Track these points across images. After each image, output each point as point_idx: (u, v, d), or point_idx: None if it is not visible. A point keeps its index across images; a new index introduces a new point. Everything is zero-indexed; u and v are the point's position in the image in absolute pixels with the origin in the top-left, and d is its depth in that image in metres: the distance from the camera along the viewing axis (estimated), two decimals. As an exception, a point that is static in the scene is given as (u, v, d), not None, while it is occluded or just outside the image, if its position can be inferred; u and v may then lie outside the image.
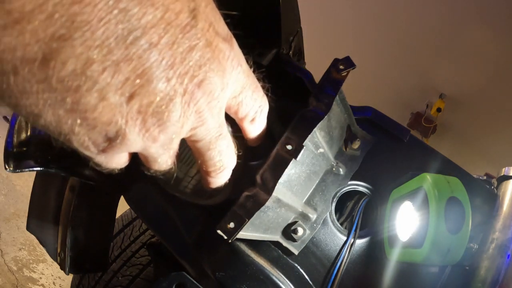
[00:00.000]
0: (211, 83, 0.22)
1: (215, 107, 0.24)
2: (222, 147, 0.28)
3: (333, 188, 0.53)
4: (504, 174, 0.57)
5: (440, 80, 2.94)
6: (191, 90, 0.21)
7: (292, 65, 0.61)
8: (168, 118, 0.21)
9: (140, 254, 1.10)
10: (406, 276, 0.53)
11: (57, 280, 2.16)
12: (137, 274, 1.06)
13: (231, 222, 0.39)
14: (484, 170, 0.77)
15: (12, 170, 0.62)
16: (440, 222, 0.43)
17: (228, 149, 0.29)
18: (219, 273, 0.50)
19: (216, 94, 0.23)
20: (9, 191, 2.41)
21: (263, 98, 0.30)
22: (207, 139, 0.26)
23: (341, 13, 2.82)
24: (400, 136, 0.60)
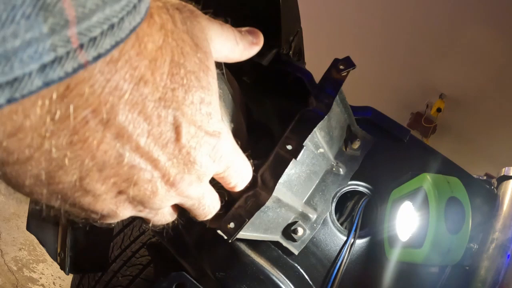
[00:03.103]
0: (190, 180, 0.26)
1: (196, 189, 0.27)
2: (206, 203, 0.30)
3: (333, 188, 0.53)
4: (504, 174, 0.57)
5: (440, 80, 2.94)
6: (172, 183, 0.25)
7: (292, 65, 0.61)
8: (153, 203, 0.25)
9: (140, 254, 1.10)
10: (406, 276, 0.53)
11: (57, 280, 2.16)
12: (137, 274, 1.06)
13: (231, 222, 0.39)
14: (484, 170, 0.77)
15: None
16: (440, 222, 0.43)
17: (212, 201, 0.31)
18: (219, 273, 0.50)
19: (195, 184, 0.26)
20: (9, 191, 2.41)
21: (247, 169, 0.32)
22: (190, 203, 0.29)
23: (341, 13, 2.82)
24: (400, 136, 0.60)
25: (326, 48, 2.37)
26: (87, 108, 0.18)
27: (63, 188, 0.21)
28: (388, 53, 2.93)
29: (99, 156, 0.20)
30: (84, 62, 0.17)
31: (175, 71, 0.22)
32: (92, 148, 0.20)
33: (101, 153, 0.20)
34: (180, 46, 0.22)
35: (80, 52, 0.16)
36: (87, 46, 0.16)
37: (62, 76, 0.16)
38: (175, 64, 0.22)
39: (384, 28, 2.76)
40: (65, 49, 0.16)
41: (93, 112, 0.19)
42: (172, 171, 0.24)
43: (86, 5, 0.15)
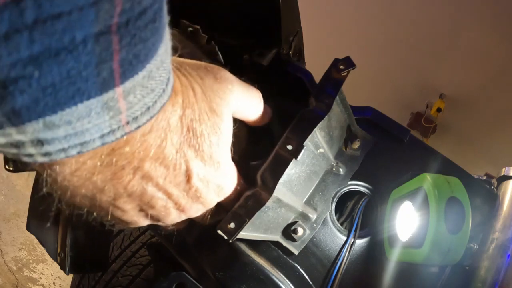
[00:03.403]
0: (197, 208, 0.35)
1: (202, 211, 0.36)
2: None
3: (333, 188, 0.53)
4: (504, 174, 0.57)
5: (440, 80, 2.94)
6: (182, 210, 0.34)
7: (292, 65, 0.61)
8: (166, 220, 0.34)
9: (140, 254, 1.10)
10: (406, 276, 0.53)
11: (57, 280, 2.16)
12: (137, 274, 1.06)
13: (231, 222, 0.39)
14: (484, 170, 0.77)
15: (12, 170, 0.62)
16: (440, 222, 0.43)
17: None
18: (219, 273, 0.50)
19: (202, 209, 0.36)
20: (9, 191, 2.41)
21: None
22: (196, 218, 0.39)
23: (341, 13, 2.82)
24: (400, 136, 0.60)
25: (326, 48, 2.37)
26: (124, 160, 0.27)
27: (101, 203, 0.29)
28: (388, 53, 2.93)
29: (129, 188, 0.29)
30: (128, 131, 0.24)
31: (191, 135, 0.30)
32: (124, 183, 0.28)
33: (130, 186, 0.29)
34: (197, 114, 0.30)
35: (126, 126, 0.24)
36: (131, 122, 0.24)
37: (114, 140, 0.24)
38: (191, 130, 0.30)
39: (384, 28, 2.76)
40: (117, 125, 0.23)
41: (128, 162, 0.27)
42: (182, 201, 0.33)
43: (133, 101, 0.23)
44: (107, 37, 0.19)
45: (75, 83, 0.19)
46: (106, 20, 0.18)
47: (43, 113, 0.19)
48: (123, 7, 0.19)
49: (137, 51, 0.21)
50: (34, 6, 0.16)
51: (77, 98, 0.19)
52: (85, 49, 0.18)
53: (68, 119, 0.20)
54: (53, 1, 0.16)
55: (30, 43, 0.16)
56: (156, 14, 0.21)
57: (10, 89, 0.17)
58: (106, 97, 0.21)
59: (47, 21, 0.16)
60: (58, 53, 0.17)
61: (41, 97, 0.18)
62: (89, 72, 0.19)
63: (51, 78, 0.18)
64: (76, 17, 0.17)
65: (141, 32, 0.20)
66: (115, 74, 0.20)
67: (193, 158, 0.31)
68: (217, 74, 0.33)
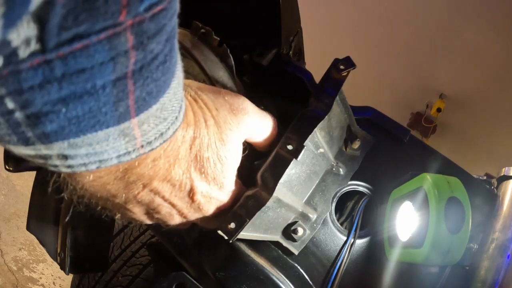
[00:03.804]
0: (198, 215, 0.39)
1: (200, 216, 0.40)
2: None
3: (333, 188, 0.53)
4: (504, 174, 0.57)
5: (440, 80, 2.94)
6: (185, 217, 0.38)
7: (292, 65, 0.61)
8: (170, 223, 0.38)
9: (140, 254, 1.10)
10: (406, 276, 0.53)
11: (57, 280, 2.16)
12: (137, 274, 1.06)
13: (231, 222, 0.39)
14: (484, 170, 0.77)
15: (12, 170, 0.62)
16: (440, 222, 0.43)
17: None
18: (219, 273, 0.50)
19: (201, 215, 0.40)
20: (9, 191, 2.41)
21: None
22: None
23: (341, 13, 2.82)
24: (400, 136, 0.60)
25: (326, 48, 2.37)
26: (135, 177, 0.30)
27: (113, 205, 0.33)
28: (388, 53, 2.93)
29: (138, 198, 0.33)
30: (142, 153, 0.27)
31: (198, 160, 0.33)
32: (135, 194, 0.32)
33: (139, 196, 0.32)
34: (206, 143, 0.33)
35: (141, 148, 0.27)
36: (145, 146, 0.27)
37: (129, 159, 0.27)
38: (199, 156, 0.33)
39: (384, 28, 2.76)
40: (132, 148, 0.26)
41: (139, 179, 0.31)
42: (185, 211, 0.37)
43: (147, 129, 0.26)
44: (123, 81, 0.22)
45: (96, 116, 0.22)
46: (122, 69, 0.22)
47: (67, 136, 0.22)
48: (137, 58, 0.22)
49: (150, 90, 0.24)
50: (62, 65, 0.19)
51: (97, 127, 0.23)
52: (104, 92, 0.22)
53: (89, 142, 0.23)
54: (77, 60, 0.19)
55: (59, 90, 0.20)
56: (167, 56, 0.24)
57: (42, 119, 0.21)
58: (123, 126, 0.24)
59: (72, 75, 0.20)
60: (81, 95, 0.21)
61: (66, 125, 0.22)
62: (108, 108, 0.22)
63: (75, 112, 0.21)
64: (97, 70, 0.20)
65: (153, 74, 0.23)
66: (131, 109, 0.24)
67: (198, 179, 0.34)
68: (233, 105, 0.36)
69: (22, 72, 0.19)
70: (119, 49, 0.21)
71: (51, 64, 0.19)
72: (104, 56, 0.20)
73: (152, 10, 0.21)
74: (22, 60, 0.18)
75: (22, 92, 0.19)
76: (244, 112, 0.37)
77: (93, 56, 0.20)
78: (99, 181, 0.29)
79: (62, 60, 0.19)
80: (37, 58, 0.18)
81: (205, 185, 0.35)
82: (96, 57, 0.20)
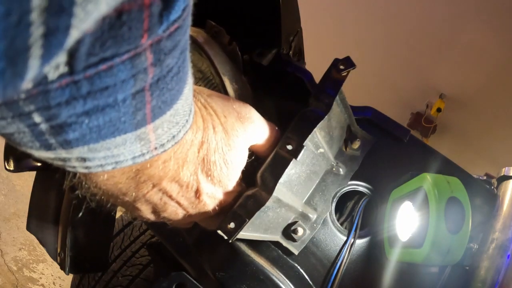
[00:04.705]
0: (202, 213, 0.41)
1: (205, 215, 0.41)
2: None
3: (333, 188, 0.53)
4: (504, 174, 0.57)
5: (440, 80, 2.94)
6: (190, 215, 0.39)
7: (292, 65, 0.61)
8: (174, 219, 0.39)
9: (140, 254, 1.10)
10: (406, 276, 0.53)
11: (57, 280, 2.16)
12: (137, 274, 1.06)
13: (231, 222, 0.39)
14: (484, 170, 0.77)
15: (12, 170, 0.62)
16: (440, 222, 0.43)
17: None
18: (219, 273, 0.50)
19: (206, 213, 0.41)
20: (9, 191, 2.41)
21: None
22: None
23: (341, 13, 2.82)
24: (400, 136, 0.60)
25: (326, 48, 2.37)
26: (146, 177, 0.32)
27: (123, 202, 0.35)
28: (388, 53, 2.92)
29: (147, 196, 0.35)
30: (155, 155, 0.29)
31: (205, 163, 0.35)
32: (144, 192, 0.34)
33: (148, 195, 0.35)
34: (213, 148, 0.35)
35: (154, 150, 0.29)
36: (158, 148, 0.29)
37: (143, 160, 0.29)
38: (206, 160, 0.35)
39: (384, 28, 2.76)
40: (147, 150, 0.28)
41: (150, 179, 0.33)
42: (191, 210, 0.38)
43: (160, 133, 0.28)
44: (141, 94, 0.24)
45: (115, 125, 0.24)
46: (141, 84, 0.23)
47: (88, 142, 0.24)
48: (154, 73, 0.24)
49: (165, 99, 0.26)
50: (88, 84, 0.21)
51: (116, 133, 0.25)
52: (124, 104, 0.23)
53: (107, 146, 0.25)
54: (102, 80, 0.21)
55: (83, 105, 0.21)
56: (180, 67, 0.26)
57: (65, 129, 0.22)
58: (139, 132, 0.26)
59: (97, 92, 0.21)
60: (103, 108, 0.23)
61: (87, 133, 0.23)
62: (127, 117, 0.24)
63: (97, 122, 0.23)
64: (119, 87, 0.22)
65: (168, 85, 0.25)
66: (147, 116, 0.26)
67: (205, 181, 0.36)
68: (240, 113, 0.39)
69: (50, 92, 0.20)
70: (140, 67, 0.22)
71: (78, 84, 0.20)
72: (126, 74, 0.22)
73: (169, 30, 0.22)
74: (51, 81, 0.19)
75: (49, 108, 0.21)
76: (251, 120, 0.39)
77: (116, 75, 0.21)
78: (112, 180, 0.31)
79: (88, 80, 0.20)
80: (65, 79, 0.20)
81: (210, 187, 0.37)
82: (119, 76, 0.22)
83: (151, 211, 0.38)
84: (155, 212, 0.38)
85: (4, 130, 0.21)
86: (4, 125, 0.21)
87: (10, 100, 0.19)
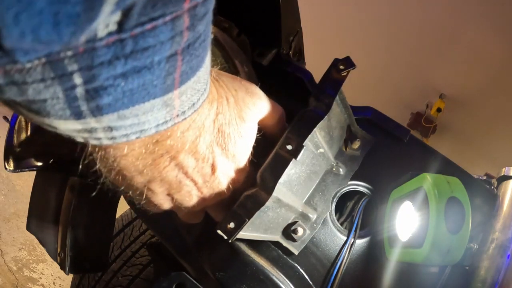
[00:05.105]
0: (215, 194, 0.41)
1: (216, 198, 0.41)
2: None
3: (333, 188, 0.53)
4: (504, 174, 0.57)
5: (440, 80, 2.94)
6: (204, 197, 0.40)
7: (292, 65, 0.61)
8: (187, 203, 0.40)
9: (140, 254, 1.10)
10: (406, 276, 0.53)
11: (57, 280, 2.16)
12: (137, 274, 1.06)
13: (231, 222, 0.39)
14: (484, 170, 0.77)
15: (12, 170, 0.62)
16: (440, 222, 0.43)
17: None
18: (219, 273, 0.50)
19: (219, 196, 0.41)
20: (9, 191, 2.41)
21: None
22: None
23: (341, 13, 2.82)
24: (400, 136, 0.60)
25: (326, 48, 2.37)
26: (164, 150, 0.33)
27: (137, 184, 0.35)
28: (388, 53, 2.93)
29: (163, 173, 0.35)
30: (177, 122, 0.30)
31: (220, 135, 0.36)
32: (160, 169, 0.34)
33: (165, 172, 0.35)
34: (228, 119, 0.36)
35: (176, 118, 0.30)
36: (180, 115, 0.30)
37: (165, 128, 0.29)
38: (221, 131, 0.36)
39: (384, 28, 2.76)
40: (170, 117, 0.29)
41: (167, 152, 0.33)
42: (205, 190, 0.39)
43: (184, 99, 0.29)
44: (174, 57, 0.25)
45: (147, 89, 0.25)
46: (176, 47, 0.24)
47: (119, 108, 0.25)
48: (188, 37, 0.25)
49: (192, 65, 0.27)
50: (132, 43, 0.22)
51: (146, 98, 0.25)
52: (159, 67, 0.24)
53: (136, 113, 0.26)
54: (145, 39, 0.22)
55: (123, 65, 0.22)
56: (206, 35, 0.27)
57: (100, 93, 0.23)
58: (166, 97, 0.27)
59: (138, 52, 0.22)
60: (140, 70, 0.23)
61: (120, 98, 0.24)
62: (159, 81, 0.25)
63: (131, 85, 0.24)
64: (158, 48, 0.23)
65: (196, 51, 0.26)
66: (176, 81, 0.27)
67: (220, 154, 0.37)
68: (248, 89, 0.40)
69: (97, 50, 0.21)
70: (177, 30, 0.23)
71: (123, 42, 0.21)
72: (165, 36, 0.23)
73: None
74: (99, 38, 0.20)
75: (91, 68, 0.21)
76: (258, 96, 0.41)
77: (158, 36, 0.22)
78: (130, 155, 0.32)
79: (133, 39, 0.21)
80: (113, 36, 0.21)
81: (225, 161, 0.38)
82: (160, 37, 0.23)
83: (166, 193, 0.37)
84: (169, 194, 0.38)
85: (39, 96, 0.21)
86: (41, 89, 0.21)
87: (57, 58, 0.20)
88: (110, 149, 0.31)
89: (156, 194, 0.37)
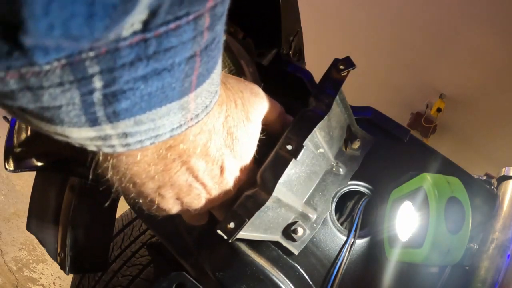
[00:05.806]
0: (224, 196, 0.41)
1: (224, 199, 0.42)
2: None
3: (333, 188, 0.53)
4: (504, 174, 0.57)
5: (440, 80, 2.94)
6: (212, 199, 0.40)
7: (292, 65, 0.61)
8: (196, 206, 0.39)
9: (140, 254, 1.10)
10: (406, 276, 0.53)
11: (57, 280, 2.16)
12: (137, 274, 1.06)
13: (231, 222, 0.39)
14: (484, 170, 0.77)
15: (12, 170, 0.62)
16: (440, 222, 0.43)
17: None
18: (219, 273, 0.50)
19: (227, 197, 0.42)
20: (9, 191, 2.41)
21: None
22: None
23: (341, 13, 2.82)
24: (400, 136, 0.60)
25: (326, 48, 2.37)
26: (176, 155, 0.33)
27: (148, 190, 0.35)
28: (388, 53, 2.93)
29: (174, 178, 0.35)
30: (190, 125, 0.30)
31: (229, 137, 0.36)
32: (172, 174, 0.34)
33: (175, 176, 0.34)
34: (236, 121, 0.37)
35: (190, 121, 0.29)
36: (194, 118, 0.29)
37: (179, 132, 0.29)
38: (230, 133, 0.36)
39: (384, 28, 2.76)
40: (184, 121, 0.28)
41: (179, 156, 0.33)
42: (213, 191, 0.39)
43: (198, 102, 0.28)
44: (193, 58, 0.24)
45: (165, 92, 0.24)
46: (196, 48, 0.24)
47: (136, 113, 0.24)
48: (208, 37, 0.24)
49: (208, 66, 0.26)
50: (156, 43, 0.21)
51: (163, 102, 0.25)
52: (179, 68, 0.24)
53: (152, 117, 0.25)
54: (169, 39, 0.21)
55: (145, 67, 0.21)
56: (221, 36, 0.27)
57: (119, 97, 0.22)
58: (183, 101, 0.26)
59: (160, 52, 0.21)
60: (160, 72, 0.23)
61: (138, 102, 0.23)
62: (177, 84, 0.24)
63: (150, 89, 0.23)
64: (180, 48, 0.22)
65: (212, 52, 0.26)
66: (193, 84, 0.26)
67: (228, 155, 0.37)
68: (252, 90, 0.41)
69: (120, 50, 0.20)
70: (199, 30, 0.23)
71: (147, 42, 0.20)
72: (188, 35, 0.22)
73: None
74: (123, 38, 0.19)
75: (113, 70, 0.20)
76: (261, 96, 0.41)
77: (181, 35, 0.22)
78: (143, 162, 0.31)
79: (157, 39, 0.21)
80: (137, 36, 0.20)
81: (233, 162, 0.38)
82: (183, 36, 0.22)
83: (175, 198, 0.37)
84: (178, 198, 0.37)
85: (54, 102, 0.20)
86: (57, 94, 0.20)
87: (78, 59, 0.19)
88: (122, 156, 0.30)
89: (166, 199, 0.37)
